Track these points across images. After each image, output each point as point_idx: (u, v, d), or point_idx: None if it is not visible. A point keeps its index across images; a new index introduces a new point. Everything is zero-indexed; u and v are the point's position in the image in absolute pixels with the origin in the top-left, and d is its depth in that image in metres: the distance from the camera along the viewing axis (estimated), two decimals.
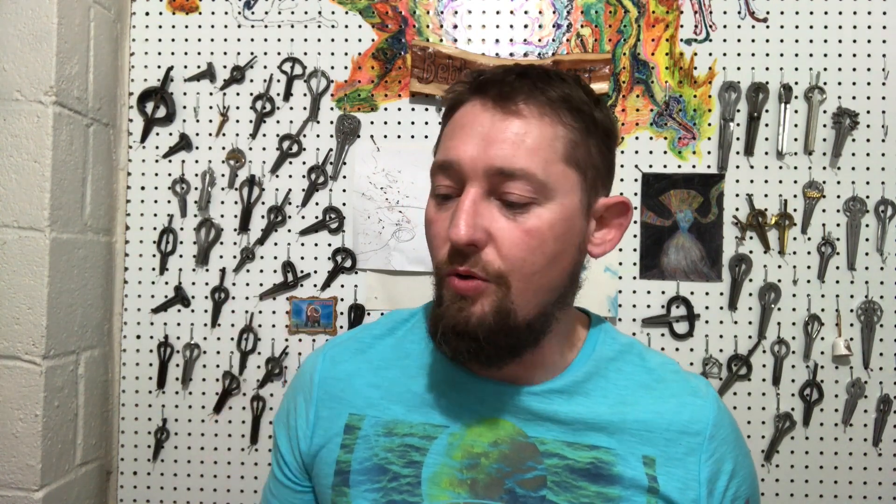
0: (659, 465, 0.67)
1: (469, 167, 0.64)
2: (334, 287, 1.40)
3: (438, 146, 0.70)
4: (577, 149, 0.66)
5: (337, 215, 1.40)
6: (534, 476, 0.67)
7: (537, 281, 0.65)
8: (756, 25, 1.36)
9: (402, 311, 0.81)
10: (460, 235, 0.62)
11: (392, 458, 0.69)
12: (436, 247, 0.67)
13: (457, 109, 0.69)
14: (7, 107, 1.19)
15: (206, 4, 1.41)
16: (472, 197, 0.63)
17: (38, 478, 1.18)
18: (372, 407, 0.72)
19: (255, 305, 1.40)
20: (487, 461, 0.68)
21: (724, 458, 0.70)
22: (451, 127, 0.68)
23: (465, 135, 0.65)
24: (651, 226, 1.37)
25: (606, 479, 0.66)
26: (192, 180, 1.41)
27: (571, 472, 0.67)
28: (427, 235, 0.69)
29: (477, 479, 0.67)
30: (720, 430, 0.70)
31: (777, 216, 1.35)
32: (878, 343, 1.34)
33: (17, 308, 1.19)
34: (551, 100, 0.65)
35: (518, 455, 0.68)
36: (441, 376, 0.72)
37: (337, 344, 0.79)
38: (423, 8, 1.39)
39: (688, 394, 0.71)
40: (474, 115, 0.66)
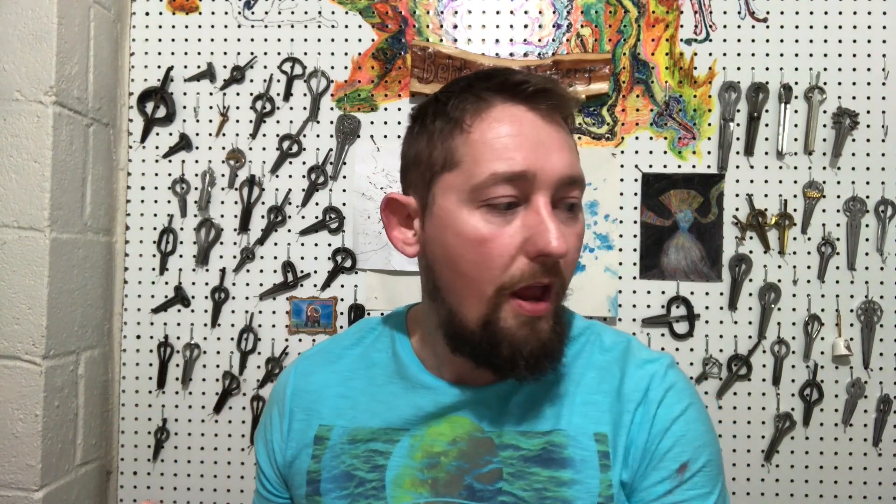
0: (611, 440, 0.67)
1: (545, 176, 0.62)
2: (334, 287, 1.40)
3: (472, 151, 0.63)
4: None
5: (337, 215, 1.40)
6: (490, 469, 0.68)
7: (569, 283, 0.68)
8: (756, 25, 1.36)
9: (370, 319, 0.82)
10: (563, 248, 0.60)
11: (357, 464, 0.71)
12: (500, 266, 0.62)
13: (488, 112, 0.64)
14: (7, 107, 1.19)
15: (206, 4, 1.41)
16: (549, 207, 0.62)
17: (38, 478, 1.18)
18: (340, 416, 0.74)
19: (255, 305, 1.40)
20: (447, 459, 0.69)
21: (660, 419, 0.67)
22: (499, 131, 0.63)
23: (530, 143, 0.62)
24: (651, 226, 1.37)
25: (558, 463, 0.67)
26: (192, 180, 1.41)
27: (525, 460, 0.67)
28: (478, 255, 0.63)
29: (437, 477, 0.68)
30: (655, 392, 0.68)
31: (777, 216, 1.35)
32: (878, 343, 1.34)
33: (17, 308, 1.19)
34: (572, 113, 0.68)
35: (476, 450, 0.69)
36: (404, 382, 0.73)
37: (309, 356, 0.81)
38: (423, 8, 1.39)
39: (635, 365, 0.71)
40: (525, 122, 0.63)
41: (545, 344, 0.64)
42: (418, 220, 0.69)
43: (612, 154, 1.37)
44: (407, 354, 0.74)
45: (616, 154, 1.37)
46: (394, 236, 0.71)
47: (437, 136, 0.66)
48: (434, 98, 0.70)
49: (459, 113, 0.65)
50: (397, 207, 0.70)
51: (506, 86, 0.64)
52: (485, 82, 0.66)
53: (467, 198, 0.63)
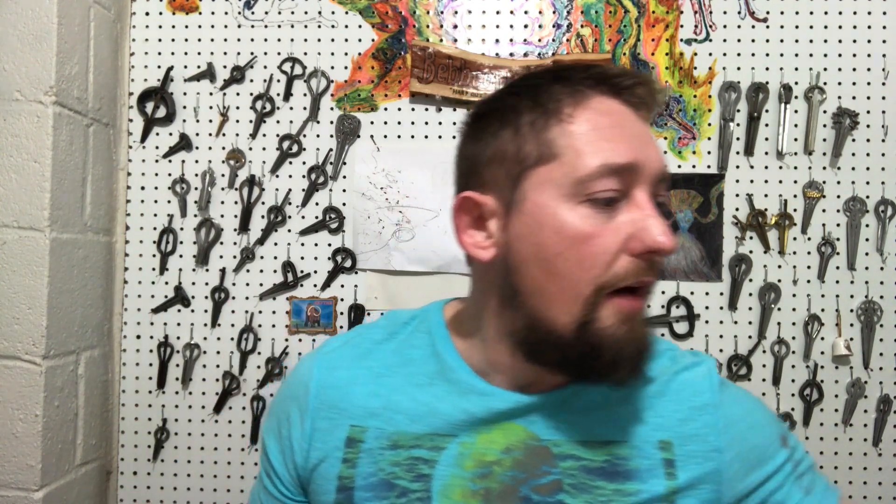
0: (676, 447, 0.66)
1: (647, 170, 0.60)
2: (334, 287, 1.40)
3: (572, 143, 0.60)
4: None
5: (337, 215, 1.40)
6: (549, 481, 0.64)
7: None
8: (756, 25, 1.36)
9: (400, 312, 0.77)
10: (672, 242, 0.58)
11: (399, 472, 0.66)
12: (603, 263, 0.59)
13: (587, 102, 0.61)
14: (7, 107, 1.19)
15: (206, 4, 1.41)
16: (652, 201, 0.60)
17: (38, 478, 1.18)
18: (374, 417, 0.68)
19: (255, 305, 1.40)
20: (500, 469, 0.65)
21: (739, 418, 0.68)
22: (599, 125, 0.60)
23: (632, 135, 0.61)
24: None
25: (623, 476, 0.64)
26: (192, 180, 1.41)
27: (588, 472, 0.64)
28: (576, 253, 0.59)
29: (490, 488, 0.65)
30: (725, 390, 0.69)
31: (777, 216, 1.35)
32: (878, 343, 1.34)
33: (17, 308, 1.19)
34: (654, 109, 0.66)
35: (532, 460, 0.65)
36: (449, 386, 0.68)
37: (333, 349, 0.74)
38: (423, 8, 1.39)
39: (687, 368, 0.70)
40: (624, 115, 0.62)
41: (642, 343, 0.62)
42: (495, 220, 0.64)
43: None
44: (452, 356, 0.69)
45: None
46: (464, 240, 0.66)
47: (527, 128, 0.62)
48: (509, 93, 0.66)
49: (555, 104, 0.61)
50: (470, 207, 0.65)
51: (604, 77, 0.62)
52: (581, 73, 0.63)
53: (569, 192, 0.59)
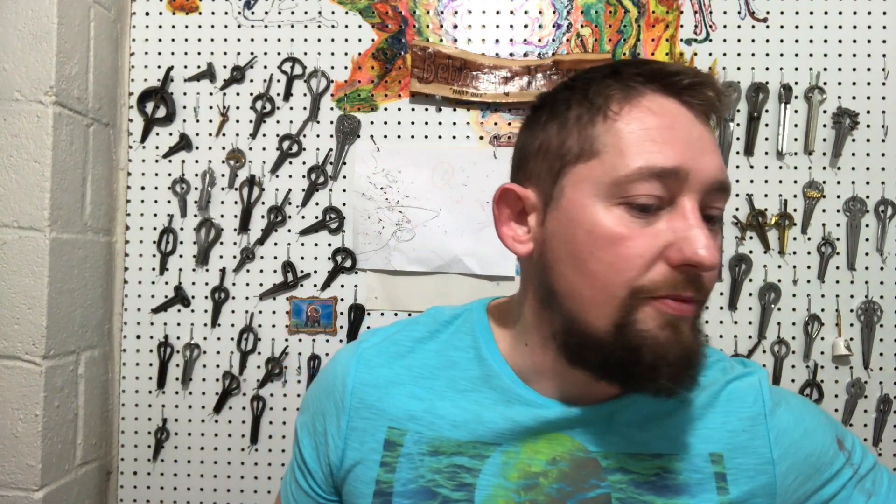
0: (727, 460, 0.63)
1: (697, 177, 0.55)
2: (334, 287, 1.40)
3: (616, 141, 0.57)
4: None
5: (337, 215, 1.40)
6: (597, 494, 0.62)
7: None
8: (756, 25, 1.36)
9: (443, 309, 0.73)
10: (712, 257, 0.54)
11: (440, 479, 0.63)
12: (636, 267, 0.56)
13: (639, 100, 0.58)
14: (7, 107, 1.19)
15: (206, 4, 1.41)
16: (697, 212, 0.56)
17: (38, 478, 1.18)
18: (414, 421, 0.65)
19: (255, 305, 1.40)
20: (546, 481, 0.62)
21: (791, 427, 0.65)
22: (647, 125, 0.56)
23: (683, 137, 0.56)
24: None
25: (674, 490, 0.62)
26: (192, 180, 1.41)
27: (637, 486, 0.62)
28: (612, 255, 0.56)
29: (536, 500, 0.62)
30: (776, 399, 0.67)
31: (777, 216, 1.35)
32: (878, 343, 1.34)
33: (17, 308, 1.19)
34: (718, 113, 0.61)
35: (579, 472, 0.62)
36: (494, 393, 0.65)
37: (371, 345, 0.71)
38: (423, 8, 1.39)
39: (738, 378, 0.67)
40: (679, 117, 0.57)
41: (689, 351, 0.58)
42: (535, 215, 0.62)
43: None
44: (497, 361, 0.66)
45: None
46: (503, 232, 0.64)
47: (572, 123, 0.59)
48: (565, 86, 0.63)
49: (603, 99, 0.58)
50: (512, 200, 0.64)
51: (659, 75, 0.58)
52: (634, 69, 0.59)
53: (606, 192, 0.57)
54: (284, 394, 1.39)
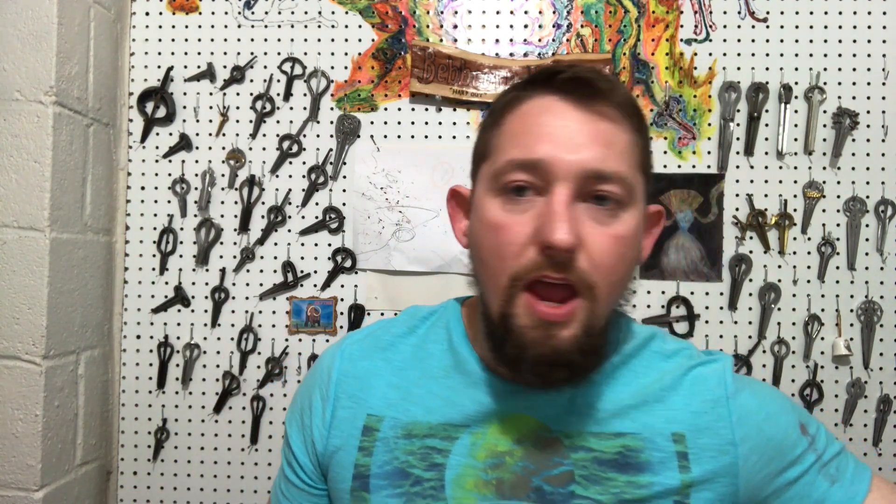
0: (689, 440, 0.66)
1: (561, 167, 0.59)
2: (334, 287, 1.40)
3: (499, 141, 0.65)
4: (645, 156, 0.66)
5: (337, 215, 1.40)
6: (561, 472, 0.65)
7: (617, 290, 0.64)
8: (756, 25, 1.36)
9: (420, 308, 0.78)
10: (565, 239, 0.57)
11: (413, 461, 0.67)
12: (511, 254, 0.61)
13: (522, 103, 0.64)
14: (7, 107, 1.19)
15: (206, 4, 1.41)
16: (565, 199, 0.59)
17: (38, 478, 1.18)
18: (391, 408, 0.70)
19: (255, 305, 1.40)
20: (512, 459, 0.66)
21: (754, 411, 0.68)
22: (524, 122, 0.63)
23: (550, 132, 0.61)
24: None
25: (635, 468, 0.65)
26: (192, 180, 1.41)
27: (599, 463, 0.65)
28: (492, 242, 0.62)
29: (503, 478, 0.65)
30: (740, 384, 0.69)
31: (777, 216, 1.35)
32: (878, 343, 1.34)
33: (17, 308, 1.19)
34: (623, 105, 0.64)
35: (543, 451, 0.66)
36: (463, 377, 0.69)
37: (355, 341, 0.76)
38: (423, 8, 1.39)
39: (702, 364, 0.70)
40: (555, 112, 0.62)
41: (560, 352, 0.60)
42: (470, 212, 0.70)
43: None
44: (465, 349, 0.70)
45: None
46: (455, 228, 0.73)
47: (482, 130, 0.69)
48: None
49: (499, 107, 0.67)
50: (460, 200, 0.72)
51: (543, 76, 0.64)
52: (530, 77, 0.67)
53: (490, 185, 0.64)
54: (284, 394, 1.39)
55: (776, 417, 0.68)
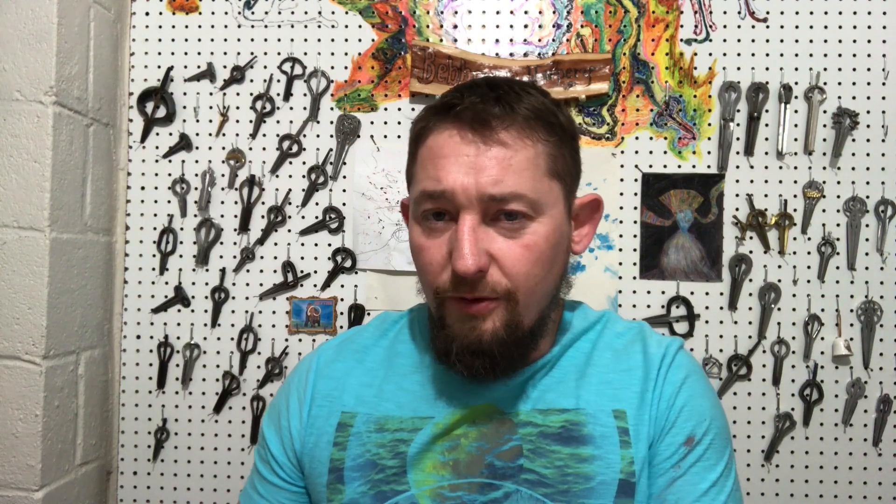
0: (630, 417, 0.70)
1: (462, 196, 0.65)
2: (334, 287, 1.40)
3: (416, 171, 0.72)
4: (556, 161, 0.70)
5: (337, 215, 1.40)
6: (510, 447, 0.70)
7: (540, 290, 0.69)
8: (756, 25, 1.36)
9: (390, 313, 0.85)
10: (468, 266, 0.63)
11: (383, 452, 0.72)
12: (432, 273, 0.68)
13: (428, 135, 0.70)
14: (7, 107, 1.19)
15: (206, 4, 1.41)
16: (470, 224, 0.65)
17: (38, 478, 1.18)
18: (364, 405, 0.75)
19: (255, 305, 1.40)
20: (467, 441, 0.71)
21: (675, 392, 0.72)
22: (430, 155, 0.69)
23: (451, 164, 0.66)
24: (651, 226, 1.37)
25: (578, 440, 0.69)
26: (192, 180, 1.41)
27: (544, 437, 0.70)
28: (418, 262, 0.71)
29: (458, 459, 0.71)
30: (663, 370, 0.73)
31: (777, 216, 1.35)
32: (878, 343, 1.34)
33: (17, 308, 1.19)
34: (526, 119, 0.68)
35: (496, 431, 0.71)
36: (430, 373, 0.75)
37: (331, 346, 0.83)
38: (423, 8, 1.39)
39: (648, 346, 0.75)
40: (454, 145, 0.67)
41: (482, 342, 0.67)
42: None
43: (611, 154, 1.37)
44: (428, 347, 0.77)
45: (616, 154, 1.37)
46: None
47: (408, 158, 0.75)
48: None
49: (413, 138, 0.74)
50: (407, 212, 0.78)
51: (442, 109, 0.69)
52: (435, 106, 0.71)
53: (413, 210, 0.72)
54: None
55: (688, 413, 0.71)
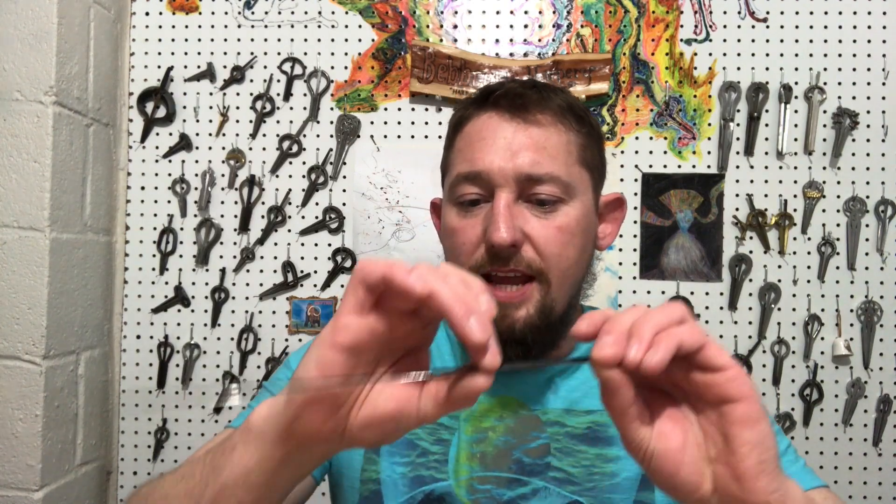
0: None
1: (499, 175, 0.67)
2: (334, 287, 1.40)
3: (452, 158, 0.74)
4: (586, 151, 0.72)
5: (337, 215, 1.40)
6: (538, 445, 0.72)
7: (571, 275, 0.70)
8: (756, 25, 1.36)
9: None
10: (504, 237, 0.65)
11: (422, 433, 0.73)
12: (465, 253, 0.69)
13: (466, 123, 0.73)
14: (7, 107, 1.19)
15: (206, 4, 1.41)
16: (506, 201, 0.67)
17: (38, 478, 1.18)
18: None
19: (255, 305, 1.40)
20: (494, 434, 0.72)
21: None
22: (468, 139, 0.71)
23: (489, 146, 0.69)
24: (651, 226, 1.37)
25: (604, 441, 0.71)
26: (192, 180, 1.41)
27: (571, 438, 0.72)
28: (451, 243, 0.72)
29: (486, 452, 0.72)
30: None
31: (777, 216, 1.35)
32: (878, 343, 1.34)
33: (17, 308, 1.19)
34: (560, 108, 0.71)
35: (522, 427, 0.72)
36: (457, 359, 0.77)
37: None
38: (423, 8, 1.39)
39: None
40: (493, 127, 0.70)
41: (514, 331, 0.67)
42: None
43: (612, 154, 1.37)
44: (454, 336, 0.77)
45: (616, 154, 1.37)
46: (438, 233, 0.80)
47: (444, 150, 0.78)
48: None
49: (450, 128, 0.76)
50: (437, 209, 0.80)
51: (481, 96, 0.73)
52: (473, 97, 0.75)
53: (449, 197, 0.73)
54: None
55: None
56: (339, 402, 0.45)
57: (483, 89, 0.75)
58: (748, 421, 0.44)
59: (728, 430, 0.45)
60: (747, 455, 0.44)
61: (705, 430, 0.47)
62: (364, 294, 0.44)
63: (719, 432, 0.45)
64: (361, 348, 0.45)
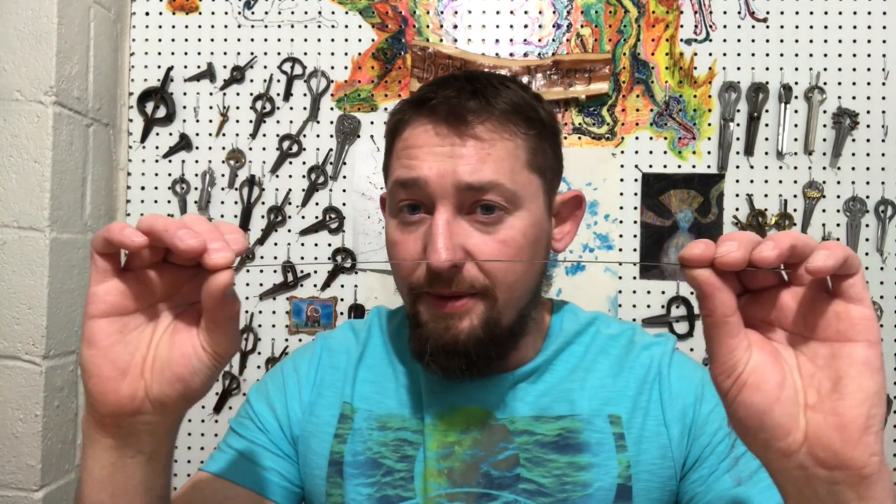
0: (626, 423, 0.69)
1: (437, 184, 0.63)
2: (334, 287, 1.40)
3: (390, 165, 0.70)
4: (535, 154, 0.68)
5: (337, 215, 1.40)
6: (506, 456, 0.68)
7: (519, 287, 0.66)
8: (756, 25, 1.36)
9: (384, 308, 0.84)
10: (441, 260, 0.60)
11: (386, 452, 0.70)
12: (406, 268, 0.66)
13: (403, 129, 0.68)
14: (7, 107, 1.19)
15: (206, 4, 1.41)
16: (445, 218, 0.62)
17: (38, 478, 1.18)
18: (365, 401, 0.74)
19: (255, 305, 1.40)
20: (461, 448, 0.69)
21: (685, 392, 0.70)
22: (404, 147, 0.67)
23: (426, 154, 0.64)
24: (651, 226, 1.37)
25: (575, 448, 0.68)
26: (192, 180, 1.41)
27: (541, 446, 0.68)
28: (392, 256, 0.68)
29: (453, 467, 0.69)
30: (674, 368, 0.72)
31: (777, 216, 1.35)
32: None
33: (17, 308, 1.19)
34: (504, 112, 0.66)
35: (490, 438, 0.69)
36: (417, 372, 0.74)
37: (332, 336, 0.82)
38: (423, 8, 1.39)
39: (643, 348, 0.73)
40: (429, 139, 0.65)
41: (457, 342, 0.64)
42: None
43: (611, 154, 1.37)
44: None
45: (616, 154, 1.37)
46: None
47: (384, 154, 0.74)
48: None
49: (388, 132, 0.72)
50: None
51: (417, 103, 0.68)
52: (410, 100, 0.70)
53: (388, 204, 0.70)
54: None
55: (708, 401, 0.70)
56: (119, 367, 0.47)
57: (422, 92, 0.69)
58: (869, 367, 0.40)
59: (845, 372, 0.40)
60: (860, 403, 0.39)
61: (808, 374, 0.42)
62: (100, 261, 0.46)
63: (828, 376, 0.41)
64: (119, 310, 0.47)
